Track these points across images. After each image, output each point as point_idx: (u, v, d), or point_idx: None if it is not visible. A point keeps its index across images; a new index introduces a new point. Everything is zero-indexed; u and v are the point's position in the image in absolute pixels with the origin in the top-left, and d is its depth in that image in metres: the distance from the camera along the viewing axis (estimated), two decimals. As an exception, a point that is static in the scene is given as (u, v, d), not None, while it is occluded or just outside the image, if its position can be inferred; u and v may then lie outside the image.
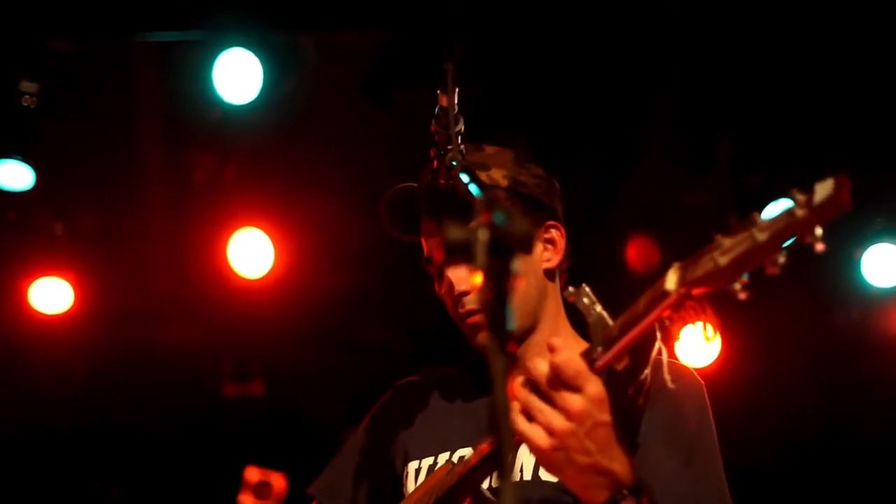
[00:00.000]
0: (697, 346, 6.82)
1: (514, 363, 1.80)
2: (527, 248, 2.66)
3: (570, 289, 2.44)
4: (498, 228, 1.76)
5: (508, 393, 1.81)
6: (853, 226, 6.44)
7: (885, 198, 6.35)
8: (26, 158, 6.23)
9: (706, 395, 2.93)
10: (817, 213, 2.04)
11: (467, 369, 3.29)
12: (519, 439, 2.39)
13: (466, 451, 2.99)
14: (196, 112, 6.35)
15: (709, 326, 2.28)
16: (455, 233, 1.78)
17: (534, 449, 2.39)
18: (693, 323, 2.28)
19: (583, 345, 2.48)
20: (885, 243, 6.46)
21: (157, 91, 6.52)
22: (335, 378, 7.59)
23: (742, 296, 2.16)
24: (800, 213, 2.06)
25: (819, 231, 2.06)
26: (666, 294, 2.25)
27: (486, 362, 3.21)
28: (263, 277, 6.87)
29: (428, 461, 3.08)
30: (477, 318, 2.99)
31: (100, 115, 6.49)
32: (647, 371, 2.40)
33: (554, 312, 3.10)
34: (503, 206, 1.81)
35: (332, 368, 7.63)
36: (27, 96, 6.08)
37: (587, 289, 2.42)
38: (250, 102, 6.05)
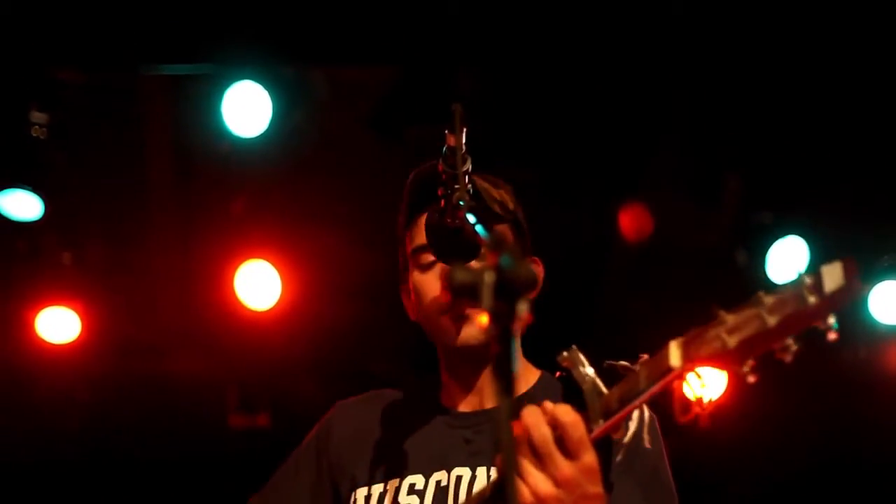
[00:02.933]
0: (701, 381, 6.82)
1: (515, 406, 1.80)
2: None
3: (564, 353, 2.41)
4: (504, 270, 1.76)
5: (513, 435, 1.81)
6: (860, 263, 6.42)
7: (892, 235, 6.35)
8: (35, 188, 6.24)
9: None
10: (830, 302, 2.03)
11: (418, 391, 3.32)
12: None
13: (417, 479, 3.00)
14: (205, 144, 6.37)
15: (704, 398, 2.28)
16: (461, 274, 1.78)
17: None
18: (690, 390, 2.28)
19: (534, 372, 2.45)
20: (893, 281, 6.45)
21: (166, 123, 6.54)
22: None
23: (751, 379, 2.15)
24: (812, 300, 2.03)
25: (832, 320, 2.04)
26: (670, 370, 2.24)
27: (435, 384, 3.24)
28: (270, 309, 6.88)
29: (378, 488, 3.06)
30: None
31: (109, 147, 6.52)
32: (632, 427, 2.40)
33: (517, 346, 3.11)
34: (510, 248, 1.82)
35: (338, 400, 7.62)
36: (37, 126, 6.10)
37: (579, 354, 2.40)
38: (259, 135, 6.07)
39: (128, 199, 6.85)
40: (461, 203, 2.60)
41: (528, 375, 3.07)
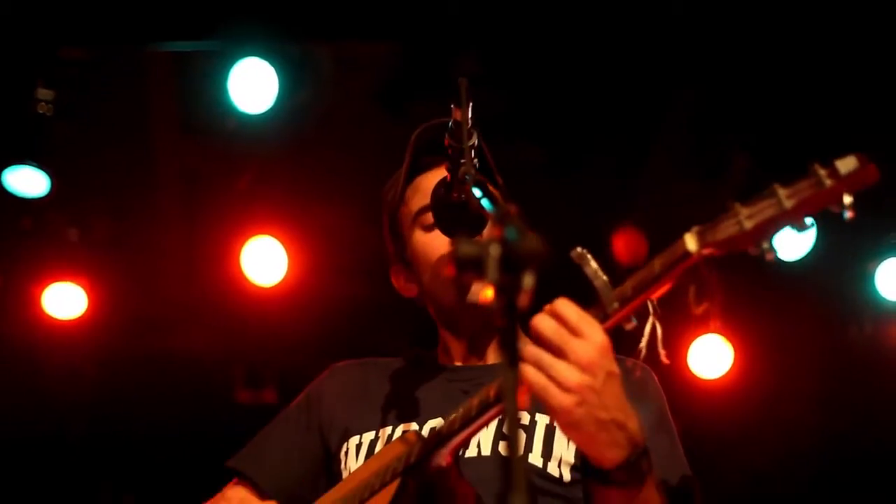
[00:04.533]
0: (710, 357, 6.84)
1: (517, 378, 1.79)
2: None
3: (578, 250, 2.39)
4: (510, 243, 1.76)
5: (518, 405, 1.79)
6: (867, 240, 6.44)
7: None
8: (41, 165, 6.25)
9: None
10: (846, 183, 2.12)
11: (409, 359, 3.34)
12: (539, 398, 2.32)
13: (411, 426, 2.99)
14: (211, 121, 6.37)
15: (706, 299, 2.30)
16: (467, 247, 1.77)
17: (555, 409, 2.31)
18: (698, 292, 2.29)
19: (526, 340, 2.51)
20: (899, 258, 6.46)
21: (172, 100, 6.54)
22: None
23: (769, 256, 2.19)
24: (828, 182, 2.13)
25: (848, 199, 2.12)
26: (687, 255, 2.27)
27: (432, 352, 3.21)
28: (277, 285, 6.88)
29: (369, 436, 3.06)
30: None
31: (115, 123, 6.51)
32: (643, 343, 2.38)
33: None
34: (515, 221, 1.81)
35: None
36: (43, 103, 6.11)
37: (588, 254, 2.39)
38: (265, 112, 6.07)
39: (134, 176, 6.85)
40: (467, 177, 2.59)
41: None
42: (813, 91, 5.99)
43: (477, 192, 2.52)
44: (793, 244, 6.18)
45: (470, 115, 2.68)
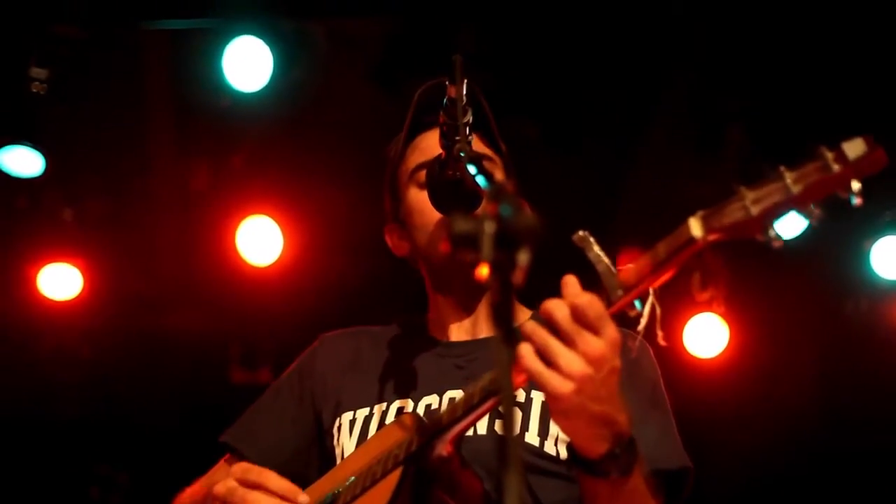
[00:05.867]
0: (706, 336, 6.84)
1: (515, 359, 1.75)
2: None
3: (580, 233, 2.36)
4: (505, 220, 1.75)
5: (513, 382, 1.78)
6: (863, 218, 6.43)
7: (894, 190, 6.34)
8: (36, 144, 6.23)
9: None
10: (854, 169, 2.08)
11: (399, 326, 3.32)
12: (536, 382, 2.29)
13: (405, 403, 2.98)
14: (206, 100, 6.36)
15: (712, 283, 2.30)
16: (462, 224, 1.76)
17: (550, 395, 2.28)
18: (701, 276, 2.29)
19: (525, 312, 2.43)
20: (895, 236, 6.45)
21: (166, 78, 6.53)
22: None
23: (777, 244, 2.18)
24: (836, 167, 2.09)
25: (857, 185, 2.09)
26: (692, 241, 2.23)
27: (422, 320, 3.19)
28: (272, 265, 6.88)
29: (363, 412, 3.04)
30: None
31: (109, 102, 6.49)
32: (641, 326, 2.35)
33: None
34: (510, 198, 1.80)
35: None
36: (37, 82, 6.08)
37: (591, 238, 2.36)
38: (260, 90, 6.06)
39: (129, 155, 6.84)
40: (462, 154, 2.58)
41: (519, 316, 3.04)
42: (810, 66, 5.98)
43: (472, 170, 2.51)
44: (789, 222, 6.17)
45: (464, 92, 2.67)
